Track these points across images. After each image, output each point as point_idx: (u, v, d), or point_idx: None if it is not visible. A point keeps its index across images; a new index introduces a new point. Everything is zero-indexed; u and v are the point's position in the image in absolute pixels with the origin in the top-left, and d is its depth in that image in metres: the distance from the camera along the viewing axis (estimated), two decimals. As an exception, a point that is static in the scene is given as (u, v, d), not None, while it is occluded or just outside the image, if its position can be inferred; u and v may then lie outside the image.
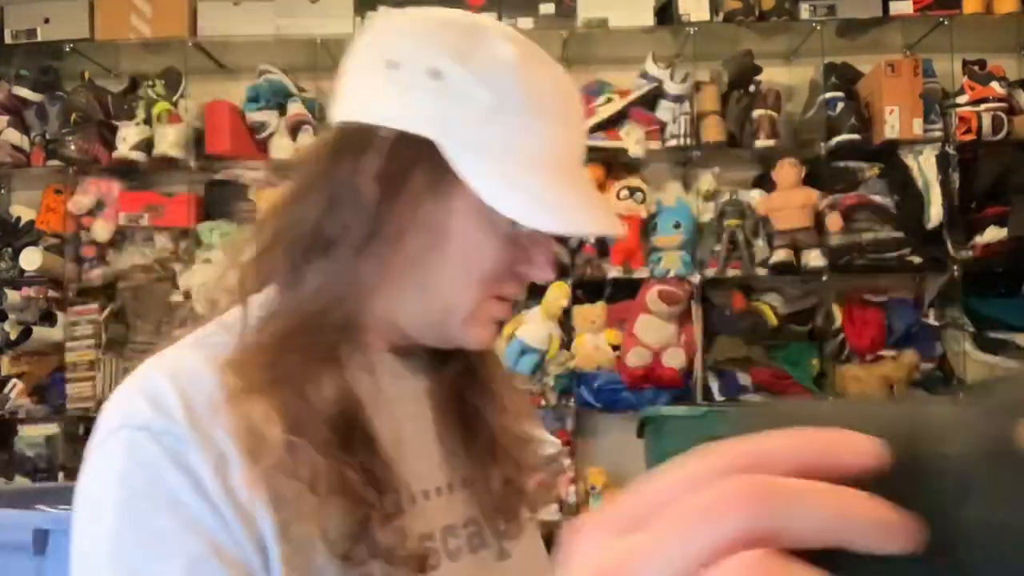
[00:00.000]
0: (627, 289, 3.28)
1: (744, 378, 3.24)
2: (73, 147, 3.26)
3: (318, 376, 0.71)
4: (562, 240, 3.26)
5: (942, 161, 3.19)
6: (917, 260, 3.20)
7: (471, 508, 0.82)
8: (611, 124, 3.26)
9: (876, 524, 0.26)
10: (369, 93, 0.74)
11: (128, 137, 3.28)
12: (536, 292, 3.22)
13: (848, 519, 0.26)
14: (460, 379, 0.85)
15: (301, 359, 0.71)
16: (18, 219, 3.46)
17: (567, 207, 0.73)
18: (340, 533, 0.67)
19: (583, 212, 0.74)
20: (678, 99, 3.28)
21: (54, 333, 3.36)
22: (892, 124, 3.19)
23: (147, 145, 3.30)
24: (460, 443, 0.83)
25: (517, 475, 0.84)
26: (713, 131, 3.26)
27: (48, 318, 3.40)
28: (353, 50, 0.77)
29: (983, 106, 3.21)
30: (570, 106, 0.77)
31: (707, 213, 3.31)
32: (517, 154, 0.71)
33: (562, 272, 3.23)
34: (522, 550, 0.85)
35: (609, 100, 3.30)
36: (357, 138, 0.72)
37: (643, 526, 0.27)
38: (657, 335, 3.21)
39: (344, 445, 0.69)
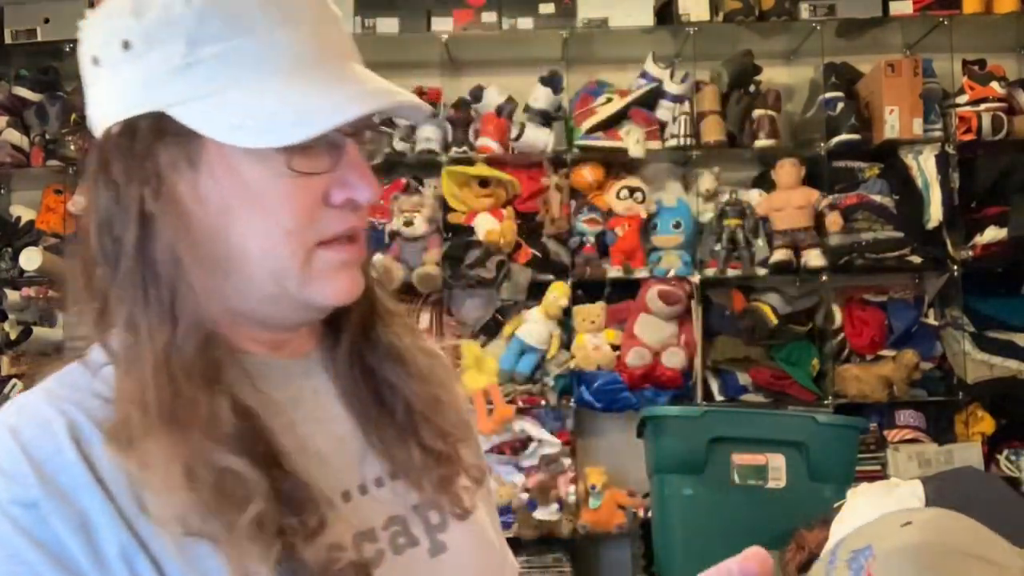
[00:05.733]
0: (627, 289, 3.28)
1: (744, 378, 3.24)
2: (73, 147, 3.26)
3: (207, 402, 0.65)
4: (561, 239, 3.26)
5: (942, 161, 3.19)
6: (917, 260, 3.20)
7: (399, 502, 0.76)
8: (611, 124, 3.26)
9: None
10: (92, 101, 0.71)
11: (128, 137, 3.28)
12: (536, 292, 3.22)
13: None
14: (361, 351, 0.78)
15: (179, 390, 0.65)
16: (18, 219, 3.46)
17: (313, 109, 0.65)
18: (267, 570, 0.62)
19: (333, 104, 0.65)
20: (678, 99, 3.28)
21: (54, 333, 3.36)
22: (892, 124, 3.19)
23: (147, 145, 3.30)
24: (375, 429, 0.77)
25: (437, 441, 0.78)
26: (713, 131, 3.26)
27: (48, 318, 3.39)
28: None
29: (983, 106, 3.21)
30: (287, 5, 0.67)
31: (707, 213, 3.31)
32: (240, 82, 0.65)
33: (562, 272, 3.24)
34: (462, 539, 0.78)
35: (609, 100, 3.30)
36: (99, 150, 0.69)
37: None
38: (657, 335, 3.21)
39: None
